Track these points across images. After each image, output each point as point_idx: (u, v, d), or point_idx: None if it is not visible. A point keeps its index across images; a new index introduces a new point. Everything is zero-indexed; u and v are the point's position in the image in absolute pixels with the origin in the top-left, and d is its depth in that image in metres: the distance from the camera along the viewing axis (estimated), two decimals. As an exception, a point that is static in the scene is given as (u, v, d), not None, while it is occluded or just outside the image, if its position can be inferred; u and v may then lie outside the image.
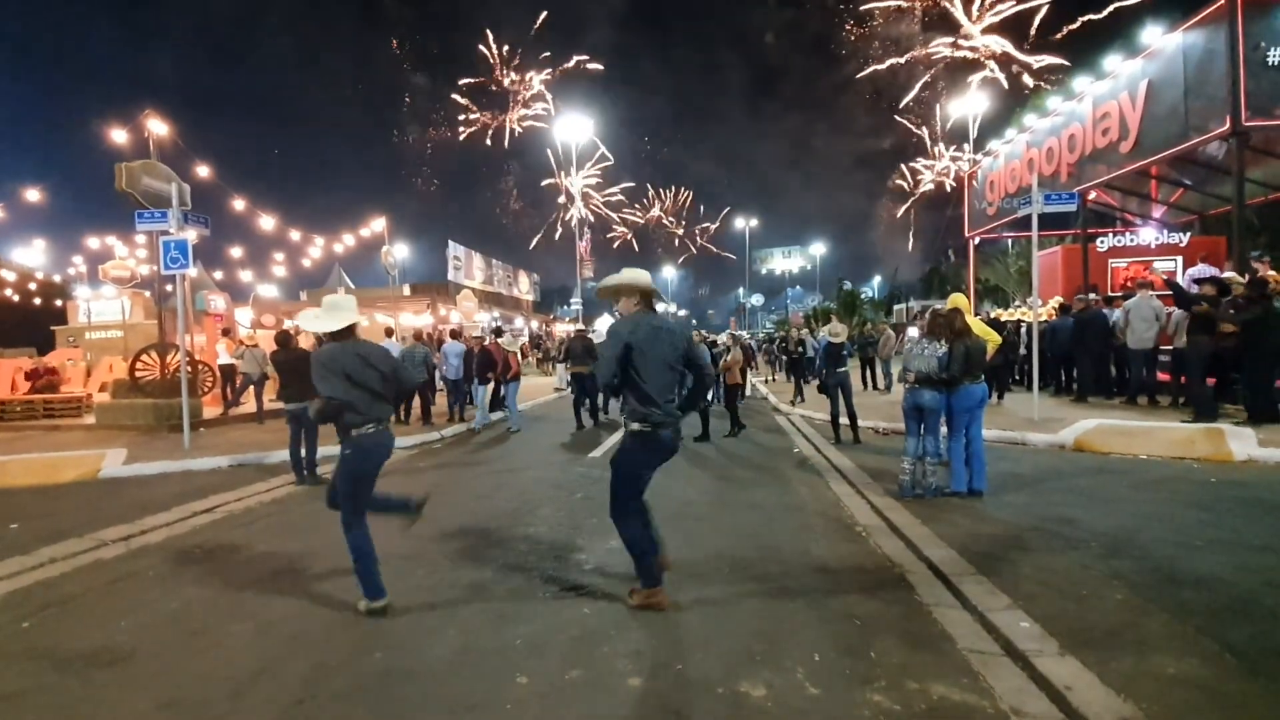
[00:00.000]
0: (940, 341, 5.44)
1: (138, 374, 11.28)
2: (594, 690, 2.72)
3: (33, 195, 17.74)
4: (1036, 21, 47.83)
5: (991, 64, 50.41)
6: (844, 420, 8.50)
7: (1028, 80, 48.00)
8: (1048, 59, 47.90)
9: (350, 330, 3.57)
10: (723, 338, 14.42)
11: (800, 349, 14.82)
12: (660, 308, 3.51)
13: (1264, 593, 3.42)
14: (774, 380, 20.15)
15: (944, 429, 5.71)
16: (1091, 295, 11.47)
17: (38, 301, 27.31)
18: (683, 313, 71.08)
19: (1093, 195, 14.98)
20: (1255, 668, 2.70)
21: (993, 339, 6.14)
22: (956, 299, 6.05)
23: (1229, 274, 9.03)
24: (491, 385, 11.03)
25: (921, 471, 5.56)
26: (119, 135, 12.95)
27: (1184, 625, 3.08)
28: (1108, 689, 2.53)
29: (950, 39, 53.15)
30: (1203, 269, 11.54)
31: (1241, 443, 6.67)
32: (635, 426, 3.32)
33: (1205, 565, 3.82)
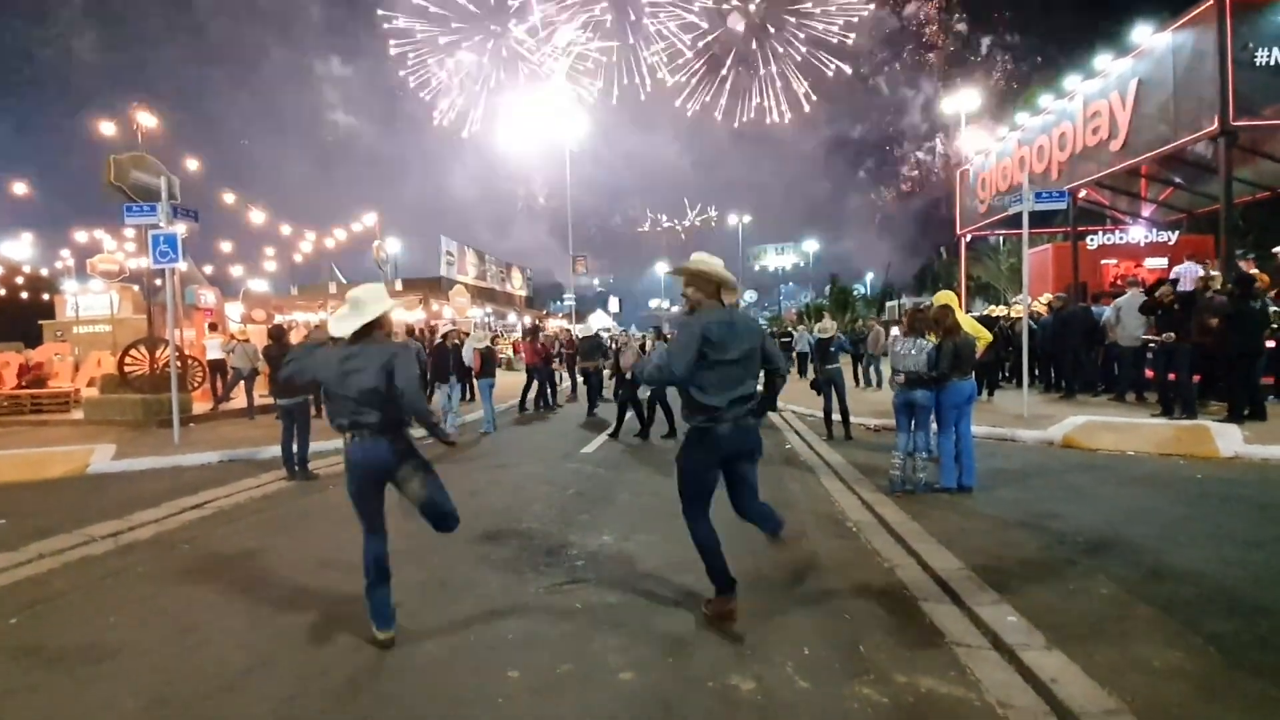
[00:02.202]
0: (925, 337, 5.53)
1: (126, 369, 11.20)
2: (585, 684, 2.74)
3: (20, 188, 17.56)
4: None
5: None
6: (836, 416, 8.54)
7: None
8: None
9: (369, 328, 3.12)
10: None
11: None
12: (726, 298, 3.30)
13: (1248, 587, 3.47)
14: None
15: (934, 425, 5.76)
16: (1046, 297, 11.53)
17: (25, 295, 27.04)
18: (675, 309, 71.26)
19: (1083, 193, 15.10)
20: (1239, 660, 2.74)
21: (983, 336, 6.19)
22: (946, 296, 6.10)
23: (1212, 271, 9.11)
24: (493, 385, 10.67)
25: (911, 467, 5.61)
26: (108, 128, 12.84)
27: (1169, 619, 3.12)
28: (1093, 681, 2.57)
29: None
30: (1189, 267, 11.65)
31: (1227, 440, 6.75)
32: (694, 421, 3.21)
33: (1190, 560, 3.87)
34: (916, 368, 5.46)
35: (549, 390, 13.18)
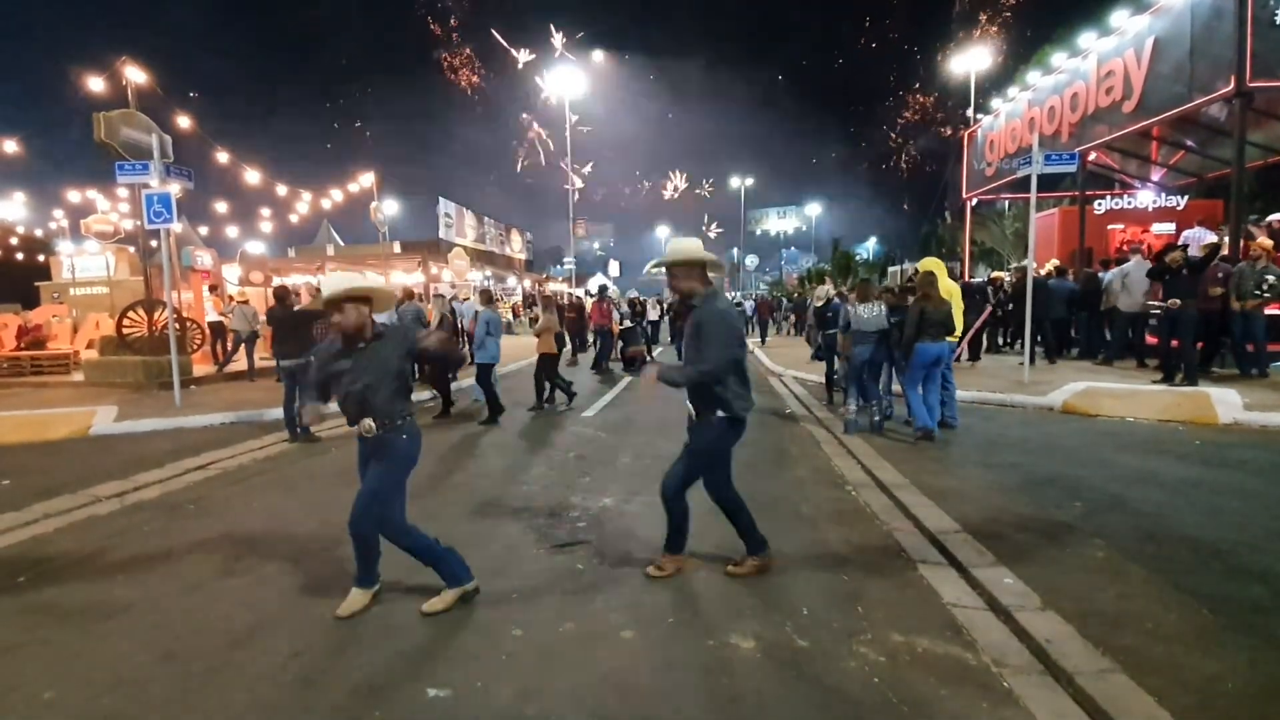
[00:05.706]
0: (874, 303, 6.42)
1: (125, 331, 11.15)
2: (588, 642, 2.78)
3: (10, 146, 17.20)
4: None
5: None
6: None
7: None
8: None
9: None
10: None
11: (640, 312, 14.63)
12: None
13: (1242, 551, 3.51)
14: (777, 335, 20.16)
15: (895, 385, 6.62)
16: (1004, 268, 11.45)
17: (20, 257, 26.83)
18: None
19: (1092, 156, 14.80)
20: (1231, 622, 2.78)
21: (957, 302, 6.55)
22: (930, 263, 6.21)
23: (1214, 237, 9.00)
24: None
25: (868, 412, 6.60)
26: (96, 83, 12.50)
27: (1164, 581, 3.16)
28: (1086, 642, 2.60)
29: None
30: (1199, 232, 11.50)
31: (1226, 407, 6.75)
32: (735, 410, 3.15)
33: (1185, 524, 3.90)
34: (878, 327, 6.35)
35: (608, 352, 13.46)
